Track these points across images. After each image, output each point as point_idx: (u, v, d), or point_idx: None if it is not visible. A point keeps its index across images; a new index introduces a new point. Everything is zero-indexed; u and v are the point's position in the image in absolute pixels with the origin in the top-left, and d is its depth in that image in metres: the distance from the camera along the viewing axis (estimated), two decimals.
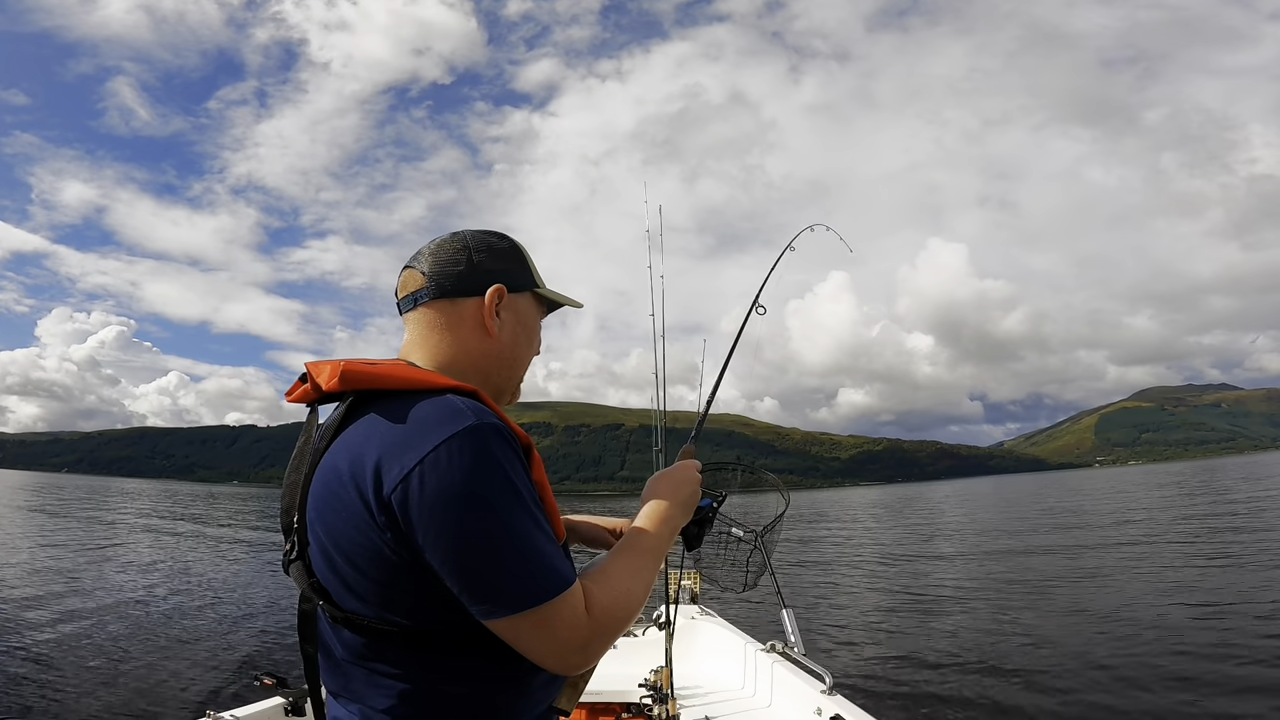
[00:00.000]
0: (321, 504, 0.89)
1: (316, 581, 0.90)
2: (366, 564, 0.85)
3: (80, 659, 7.11)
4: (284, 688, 2.48)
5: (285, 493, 0.97)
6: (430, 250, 1.04)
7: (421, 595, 0.85)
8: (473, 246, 1.04)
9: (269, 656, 7.54)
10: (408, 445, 0.83)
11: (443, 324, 1.01)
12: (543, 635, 0.84)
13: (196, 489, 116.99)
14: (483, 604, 0.83)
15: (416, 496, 0.81)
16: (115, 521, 27.78)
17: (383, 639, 0.87)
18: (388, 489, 0.82)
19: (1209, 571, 11.11)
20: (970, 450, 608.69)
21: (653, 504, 1.08)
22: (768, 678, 3.07)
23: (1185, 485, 44.12)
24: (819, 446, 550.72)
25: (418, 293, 1.02)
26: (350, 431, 0.90)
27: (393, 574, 0.84)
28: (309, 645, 0.93)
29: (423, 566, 0.83)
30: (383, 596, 0.86)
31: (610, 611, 0.89)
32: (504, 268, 1.05)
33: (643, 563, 1.00)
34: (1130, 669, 6.26)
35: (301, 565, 0.92)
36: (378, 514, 0.83)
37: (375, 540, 0.84)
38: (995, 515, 31.90)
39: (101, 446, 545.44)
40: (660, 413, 3.70)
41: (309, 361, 0.97)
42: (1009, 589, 10.99)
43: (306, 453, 0.95)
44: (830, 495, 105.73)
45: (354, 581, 0.86)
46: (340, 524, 0.86)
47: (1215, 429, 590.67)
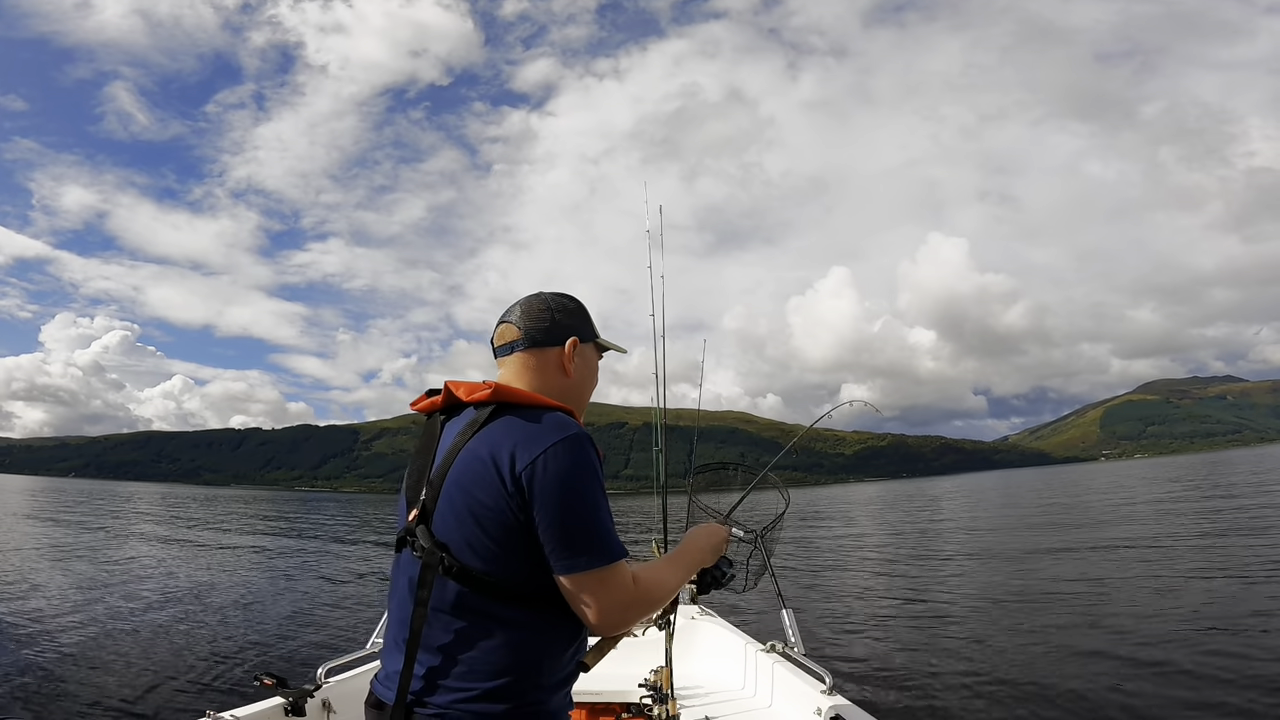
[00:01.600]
0: (464, 478, 1.22)
1: (439, 540, 1.21)
2: (492, 525, 1.18)
3: (81, 659, 7.16)
4: (284, 688, 2.46)
5: (412, 474, 1.32)
6: (522, 308, 1.42)
7: (527, 554, 1.18)
8: (554, 307, 1.42)
9: (269, 657, 7.56)
10: (536, 440, 1.19)
11: (534, 366, 1.38)
12: (601, 591, 1.18)
13: (201, 492, 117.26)
14: (567, 558, 1.17)
15: (540, 475, 1.17)
16: (119, 525, 27.90)
17: (480, 587, 1.18)
18: (520, 468, 1.17)
19: (1220, 571, 11.00)
20: (975, 445, 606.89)
21: (689, 541, 1.56)
22: (768, 678, 3.06)
23: (1194, 478, 43.94)
24: (823, 443, 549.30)
25: (514, 342, 1.39)
26: (491, 429, 1.24)
27: (509, 535, 1.18)
28: (424, 590, 1.20)
29: (531, 529, 1.17)
30: (494, 554, 1.18)
31: (649, 589, 1.27)
32: (576, 323, 1.43)
33: (676, 569, 1.45)
34: (1134, 671, 6.22)
35: (425, 529, 1.23)
36: (510, 486, 1.17)
37: (504, 505, 1.18)
38: (999, 511, 31.82)
39: (108, 451, 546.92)
40: (660, 411, 3.70)
41: (449, 380, 1.35)
42: (1011, 588, 10.93)
43: (431, 447, 1.31)
44: (833, 492, 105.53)
45: (475, 539, 1.19)
46: (479, 492, 1.19)
47: (1221, 421, 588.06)
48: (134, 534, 23.94)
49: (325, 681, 2.60)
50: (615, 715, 2.97)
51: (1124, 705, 5.47)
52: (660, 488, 3.89)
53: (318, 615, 10.13)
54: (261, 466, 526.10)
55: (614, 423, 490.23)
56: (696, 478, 2.47)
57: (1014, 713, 5.51)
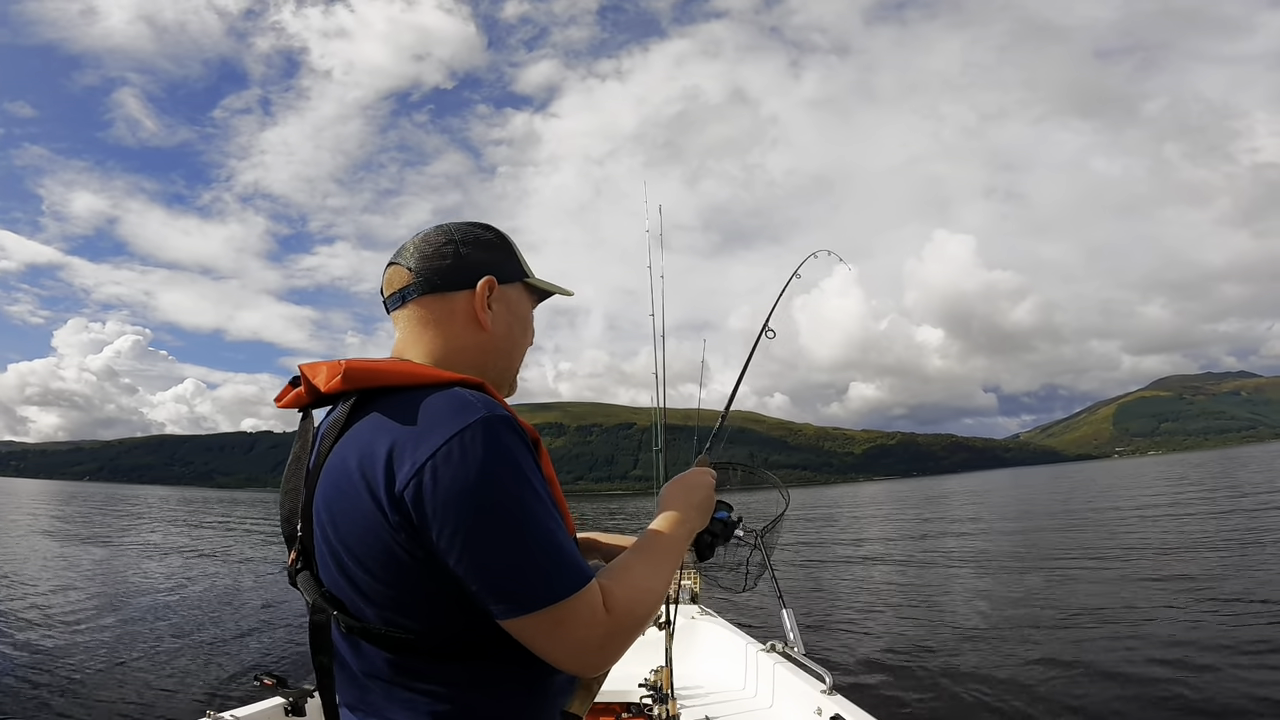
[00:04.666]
0: (331, 505, 0.85)
1: (327, 591, 0.87)
2: (379, 567, 0.82)
3: (82, 659, 7.19)
4: (284, 688, 2.47)
5: (284, 500, 0.94)
6: (415, 245, 1.01)
7: (437, 599, 0.82)
8: (458, 239, 1.01)
9: (269, 657, 7.58)
10: (419, 439, 0.80)
11: (434, 319, 0.98)
12: (561, 634, 0.81)
13: (213, 495, 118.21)
14: (500, 603, 0.79)
15: (430, 491, 0.78)
16: (128, 528, 28.12)
17: (400, 648, 0.84)
18: (400, 484, 0.79)
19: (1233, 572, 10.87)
20: (986, 443, 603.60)
21: (667, 507, 1.06)
22: (768, 678, 3.05)
23: (1211, 475, 43.47)
24: (832, 442, 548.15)
25: (405, 289, 0.99)
26: (357, 429, 0.86)
27: (406, 576, 0.81)
28: (323, 657, 0.87)
29: (437, 566, 0.80)
30: (397, 602, 0.83)
31: (629, 609, 0.86)
32: (492, 259, 1.02)
33: (660, 561, 0.97)
34: (1136, 674, 6.14)
35: (309, 575, 0.88)
36: (390, 511, 0.80)
37: (388, 540, 0.80)
38: (1007, 511, 31.60)
39: (121, 455, 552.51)
40: (660, 411, 3.69)
41: (302, 364, 0.94)
42: (1015, 589, 10.82)
43: (304, 458, 0.92)
44: (840, 491, 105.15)
45: (367, 587, 0.83)
46: (351, 525, 0.83)
47: (1235, 417, 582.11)
48: (142, 537, 24.09)
49: None
50: (615, 715, 2.97)
51: (1124, 706, 5.42)
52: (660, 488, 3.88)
53: None
54: (273, 469, 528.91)
55: (622, 423, 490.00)
56: None
57: (1014, 714, 5.47)
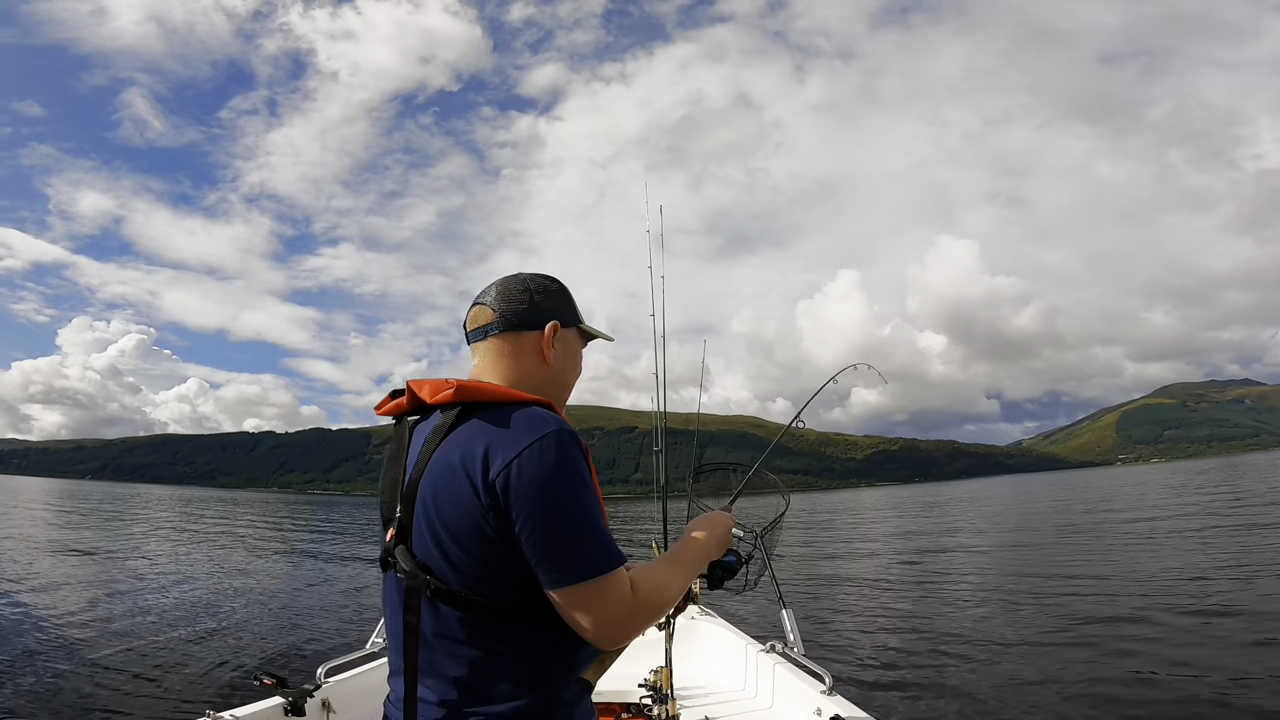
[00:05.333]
0: (436, 491, 1.10)
1: (421, 562, 1.11)
2: (470, 542, 1.07)
3: (82, 658, 7.18)
4: (284, 688, 2.47)
5: (385, 487, 1.20)
6: (498, 290, 1.29)
7: (511, 570, 1.06)
8: (533, 289, 1.29)
9: (269, 657, 7.56)
10: (509, 442, 1.06)
11: (510, 352, 1.26)
12: (595, 605, 1.05)
13: (214, 495, 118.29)
14: (554, 572, 1.04)
15: (515, 481, 1.04)
16: (129, 527, 28.12)
17: (474, 609, 1.07)
18: (493, 475, 1.05)
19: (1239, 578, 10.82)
20: (988, 449, 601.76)
21: (694, 534, 1.37)
22: (768, 678, 3.06)
23: (1212, 482, 43.30)
24: (834, 447, 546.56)
25: (488, 326, 1.27)
26: (459, 433, 1.12)
27: (490, 550, 1.06)
28: (411, 617, 1.10)
29: (513, 543, 1.05)
30: (479, 572, 1.07)
31: (649, 597, 1.12)
32: (557, 307, 1.30)
33: (678, 569, 1.27)
34: (1136, 677, 6.13)
35: (405, 548, 1.12)
36: (483, 496, 1.05)
37: (479, 519, 1.06)
38: (1008, 516, 31.50)
39: (124, 454, 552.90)
40: (660, 414, 3.71)
41: (411, 380, 1.22)
42: (1015, 593, 10.80)
43: (401, 456, 1.19)
44: (842, 497, 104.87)
45: (457, 559, 1.08)
46: (451, 507, 1.08)
47: (1239, 425, 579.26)
48: (143, 536, 24.10)
49: (325, 681, 2.62)
50: (615, 715, 2.97)
51: (1124, 707, 5.42)
52: (660, 490, 3.90)
53: (318, 615, 10.13)
54: (275, 469, 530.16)
55: (623, 427, 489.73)
56: (701, 481, 2.48)
57: (1013, 714, 5.46)
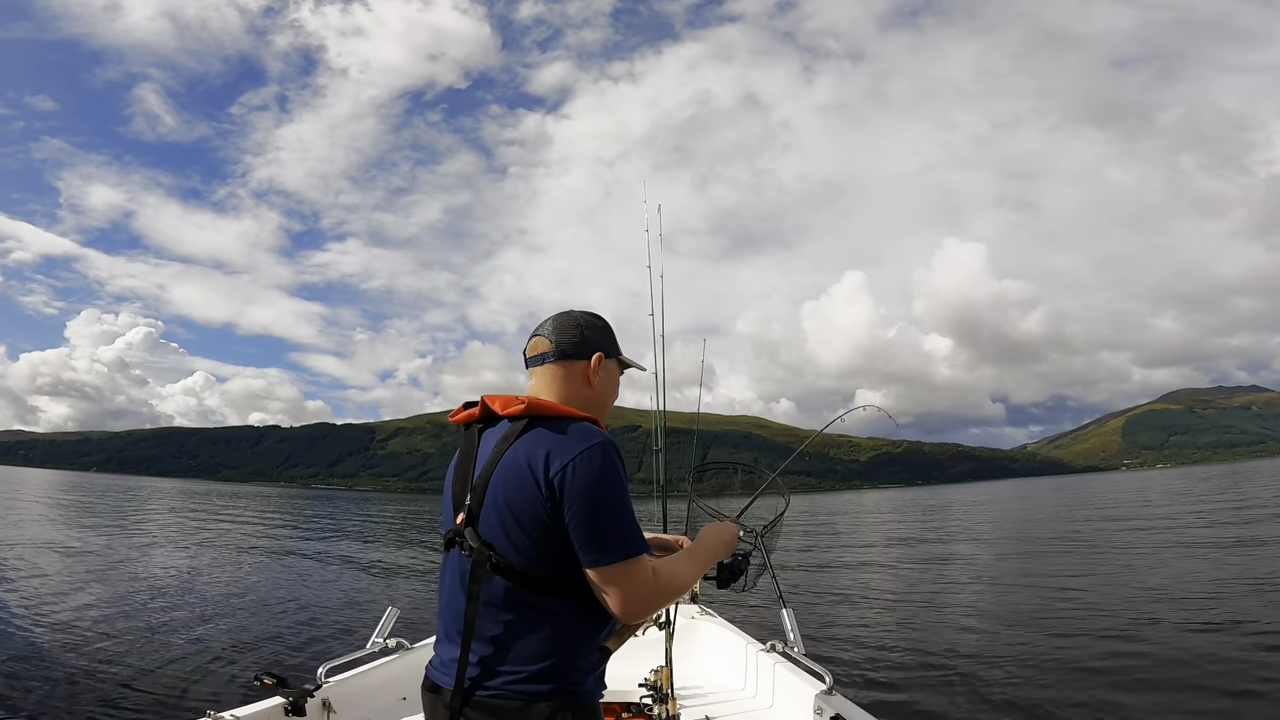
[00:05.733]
0: (507, 485, 1.38)
1: (485, 540, 1.38)
2: (531, 526, 1.35)
3: (81, 657, 7.15)
4: (284, 687, 2.47)
5: (457, 479, 1.49)
6: (554, 323, 1.58)
7: (560, 550, 1.34)
8: (583, 324, 1.58)
9: (269, 657, 7.56)
10: (567, 448, 1.36)
11: (562, 377, 1.54)
12: (624, 583, 1.33)
13: (218, 489, 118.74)
14: (595, 553, 1.33)
15: (570, 479, 1.33)
16: (132, 522, 28.25)
17: (528, 582, 1.35)
18: (552, 473, 1.33)
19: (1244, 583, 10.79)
20: (992, 453, 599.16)
21: (704, 537, 1.73)
22: (768, 678, 3.06)
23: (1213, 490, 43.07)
24: (837, 449, 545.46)
25: (545, 354, 1.56)
26: (526, 439, 1.40)
27: (546, 533, 1.34)
28: (475, 586, 1.37)
29: (564, 529, 1.33)
30: (536, 552, 1.35)
31: (668, 580, 1.44)
32: (602, 340, 1.59)
33: (692, 564, 1.61)
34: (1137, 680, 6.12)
35: (473, 529, 1.39)
36: (544, 489, 1.34)
37: (539, 508, 1.34)
38: (1010, 519, 31.39)
39: (130, 446, 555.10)
40: (660, 413, 3.71)
41: (486, 395, 1.52)
42: (1016, 594, 10.82)
43: (471, 454, 1.49)
44: (844, 499, 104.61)
45: (518, 539, 1.36)
46: (518, 497, 1.36)
47: (1245, 432, 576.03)
48: (146, 531, 24.15)
49: (325, 681, 2.63)
50: (615, 715, 2.98)
51: (1123, 708, 5.42)
52: (660, 490, 3.90)
53: (319, 615, 10.14)
54: (279, 464, 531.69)
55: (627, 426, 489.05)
56: (700, 481, 2.48)
57: (1013, 713, 5.46)
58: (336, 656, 2.79)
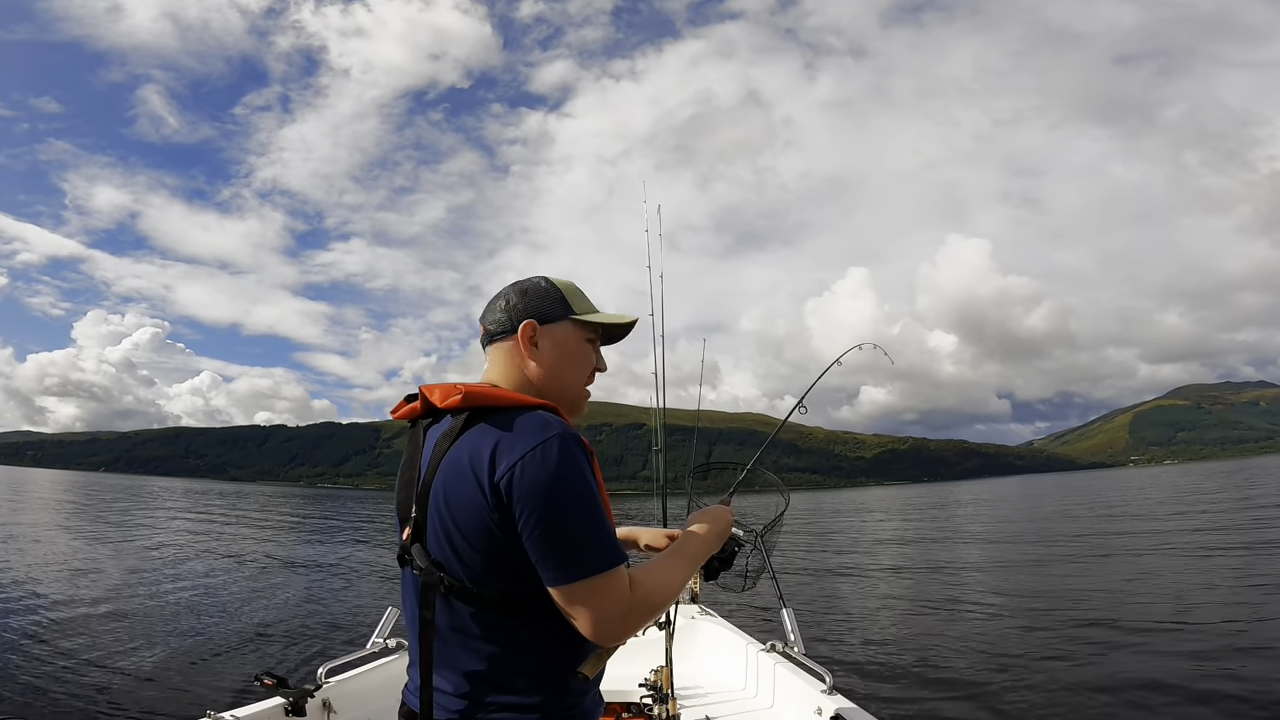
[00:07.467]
0: (448, 491, 1.15)
1: (435, 559, 1.16)
2: (477, 539, 1.12)
3: (81, 657, 7.14)
4: (284, 688, 2.46)
5: (401, 488, 1.25)
6: (488, 304, 1.35)
7: (516, 567, 1.11)
8: (507, 294, 1.33)
9: (269, 657, 7.55)
10: (513, 444, 1.11)
11: (501, 359, 1.30)
12: (593, 601, 1.09)
13: (225, 488, 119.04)
14: (554, 570, 1.09)
15: (518, 483, 1.08)
16: (136, 522, 28.21)
17: (484, 605, 1.12)
18: (498, 476, 1.09)
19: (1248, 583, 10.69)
20: (998, 449, 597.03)
21: (694, 528, 1.39)
22: (768, 678, 3.04)
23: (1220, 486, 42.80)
24: (842, 445, 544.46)
25: (483, 337, 1.33)
26: (469, 435, 1.16)
27: (496, 547, 1.11)
28: (428, 612, 1.16)
29: (517, 541, 1.10)
30: (487, 568, 1.12)
31: (648, 595, 1.15)
32: (534, 304, 1.30)
33: (679, 565, 1.29)
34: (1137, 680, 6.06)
35: (420, 547, 1.18)
36: (489, 496, 1.10)
37: (485, 518, 1.10)
38: (1014, 516, 31.28)
39: (137, 446, 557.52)
40: (660, 411, 3.70)
41: (422, 385, 1.26)
42: (1018, 593, 10.73)
43: (416, 457, 1.23)
44: (848, 496, 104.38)
45: (466, 556, 1.13)
46: (461, 506, 1.13)
47: (1253, 427, 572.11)
48: (149, 532, 24.13)
49: (325, 681, 2.61)
50: (615, 715, 2.97)
51: (1122, 709, 5.38)
52: (660, 488, 3.90)
53: (319, 615, 10.10)
54: (286, 463, 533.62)
55: (631, 424, 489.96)
56: (701, 479, 2.46)
57: (1013, 713, 5.43)
58: (336, 657, 2.78)
